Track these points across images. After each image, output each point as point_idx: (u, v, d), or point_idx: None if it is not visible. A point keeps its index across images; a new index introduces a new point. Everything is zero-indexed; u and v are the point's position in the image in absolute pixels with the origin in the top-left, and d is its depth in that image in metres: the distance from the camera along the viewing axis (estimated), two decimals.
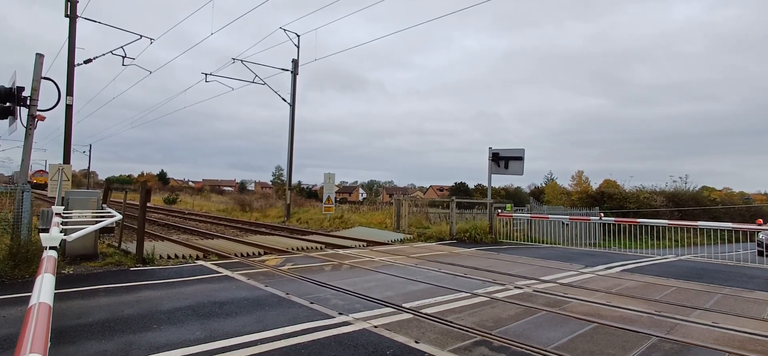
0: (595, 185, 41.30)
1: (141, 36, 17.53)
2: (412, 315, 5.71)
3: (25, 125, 8.41)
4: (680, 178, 35.81)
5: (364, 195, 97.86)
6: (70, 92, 14.58)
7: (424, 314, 5.77)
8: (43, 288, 2.47)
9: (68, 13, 14.71)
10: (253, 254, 10.79)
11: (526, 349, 4.57)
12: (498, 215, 16.68)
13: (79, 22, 14.83)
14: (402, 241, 14.65)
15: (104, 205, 9.54)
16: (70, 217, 7.45)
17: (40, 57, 8.51)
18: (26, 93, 8.30)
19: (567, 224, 17.36)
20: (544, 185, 50.45)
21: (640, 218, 17.73)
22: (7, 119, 8.20)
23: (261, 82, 22.57)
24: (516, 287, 7.54)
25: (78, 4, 14.92)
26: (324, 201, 22.88)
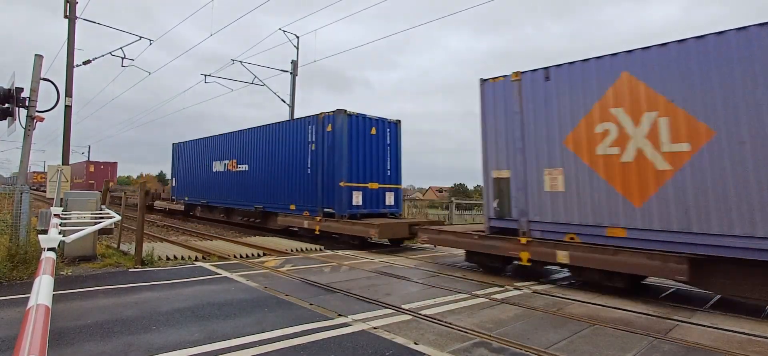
0: None
1: (140, 37, 17.52)
2: (411, 317, 5.71)
3: (24, 126, 8.40)
4: None
5: None
6: (69, 92, 14.56)
7: (423, 315, 5.77)
8: (42, 290, 2.46)
9: (67, 14, 14.70)
10: (252, 255, 10.78)
11: (525, 351, 4.57)
12: None
13: (66, 24, 14.77)
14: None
15: (103, 206, 9.53)
16: (69, 218, 7.44)
17: (39, 58, 8.50)
18: (25, 94, 8.29)
19: None
20: None
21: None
22: (6, 119, 8.18)
23: (260, 83, 22.58)
24: (515, 288, 7.54)
25: (77, 6, 14.91)
26: None
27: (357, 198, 13.30)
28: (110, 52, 17.55)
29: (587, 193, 7.36)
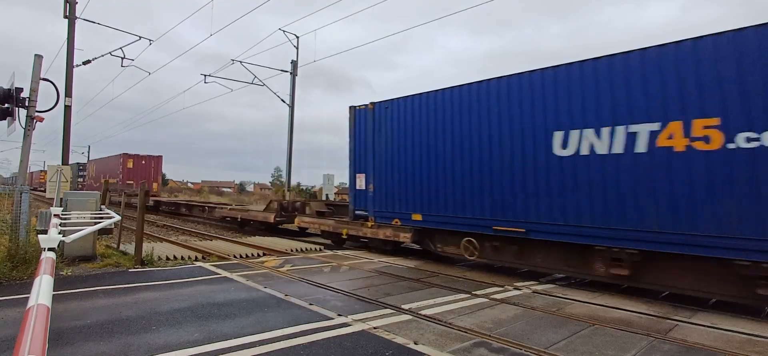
0: None
1: (140, 37, 17.52)
2: (411, 317, 5.71)
3: (23, 126, 8.40)
4: None
5: None
6: (68, 93, 14.55)
7: (423, 315, 5.77)
8: (42, 290, 2.46)
9: (67, 14, 14.70)
10: (252, 255, 10.78)
11: (525, 351, 4.57)
12: None
13: (65, 24, 14.76)
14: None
15: (103, 206, 9.53)
16: (69, 218, 7.44)
17: (38, 58, 8.50)
18: (25, 94, 8.29)
19: None
20: None
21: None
22: (6, 119, 8.18)
23: (260, 83, 22.60)
24: (515, 288, 7.54)
25: (77, 6, 14.91)
26: None
27: None
28: (110, 53, 17.55)
29: None
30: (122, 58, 17.77)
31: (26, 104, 8.34)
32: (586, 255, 7.70)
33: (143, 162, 31.80)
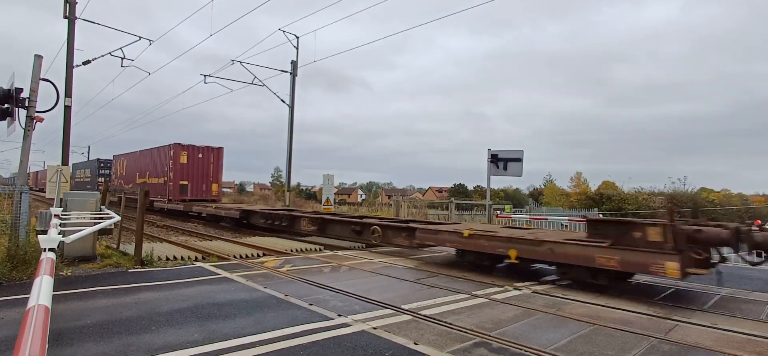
0: (593, 186, 41.37)
1: (139, 37, 17.54)
2: (411, 317, 5.71)
3: (23, 126, 8.40)
4: (678, 180, 35.77)
5: (363, 196, 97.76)
6: (68, 93, 14.58)
7: (423, 315, 5.77)
8: (42, 290, 2.47)
9: (67, 14, 14.71)
10: (252, 255, 10.78)
11: (524, 351, 4.57)
12: (497, 216, 16.73)
13: (65, 24, 14.77)
14: None
15: (102, 206, 9.53)
16: (69, 219, 7.44)
17: (38, 58, 8.50)
18: (25, 94, 8.29)
19: (566, 226, 17.39)
20: (542, 186, 50.62)
21: (638, 219, 17.71)
22: (5, 120, 8.18)
23: (260, 83, 22.61)
24: (515, 288, 7.54)
25: (76, 6, 14.92)
26: (323, 202, 22.87)
27: None
28: (110, 53, 17.60)
29: None
30: (122, 59, 17.82)
31: (26, 104, 8.33)
32: None
33: (200, 156, 23.31)
